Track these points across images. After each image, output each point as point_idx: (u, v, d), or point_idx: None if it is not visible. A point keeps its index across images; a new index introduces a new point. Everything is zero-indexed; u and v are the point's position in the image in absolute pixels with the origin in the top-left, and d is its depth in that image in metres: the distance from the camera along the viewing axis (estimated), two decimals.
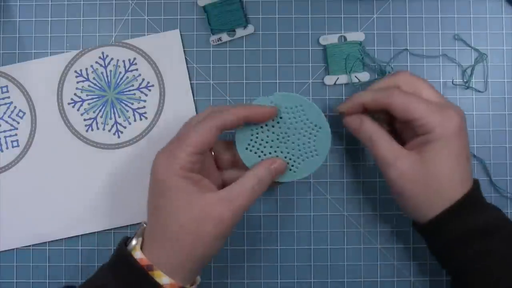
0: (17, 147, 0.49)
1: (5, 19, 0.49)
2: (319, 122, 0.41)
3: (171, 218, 0.38)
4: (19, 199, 0.48)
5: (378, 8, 0.49)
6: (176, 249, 0.37)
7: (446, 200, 0.39)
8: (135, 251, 0.38)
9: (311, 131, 0.41)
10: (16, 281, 0.48)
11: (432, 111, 0.39)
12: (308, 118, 0.41)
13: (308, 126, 0.41)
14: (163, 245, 0.38)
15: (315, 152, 0.41)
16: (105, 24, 0.49)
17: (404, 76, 0.41)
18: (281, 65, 0.49)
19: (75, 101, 0.49)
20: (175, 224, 0.37)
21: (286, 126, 0.41)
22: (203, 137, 0.38)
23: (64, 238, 0.48)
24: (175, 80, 0.49)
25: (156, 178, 0.39)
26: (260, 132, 0.41)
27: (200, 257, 0.38)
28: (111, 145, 0.49)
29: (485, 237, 0.39)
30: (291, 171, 0.42)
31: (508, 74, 0.49)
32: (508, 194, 0.48)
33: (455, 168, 0.39)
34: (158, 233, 0.38)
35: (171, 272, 0.37)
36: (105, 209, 0.48)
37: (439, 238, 0.40)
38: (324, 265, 0.49)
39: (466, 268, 0.39)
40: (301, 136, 0.41)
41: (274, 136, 0.41)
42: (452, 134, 0.39)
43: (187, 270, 0.38)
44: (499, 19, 0.49)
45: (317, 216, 0.49)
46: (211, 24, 0.49)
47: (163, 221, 0.38)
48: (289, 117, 0.41)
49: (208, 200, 0.37)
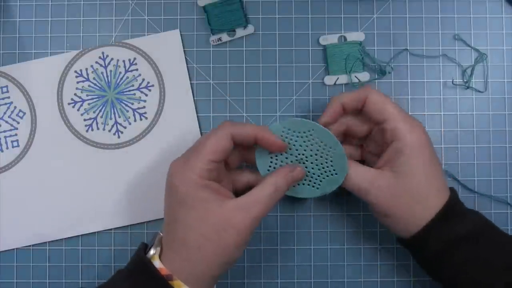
0: (17, 147, 0.49)
1: (5, 19, 0.49)
2: (332, 143, 0.42)
3: (191, 227, 0.37)
4: (19, 199, 0.48)
5: (378, 8, 0.49)
6: (197, 258, 0.37)
7: (427, 210, 0.39)
8: (154, 260, 0.38)
9: (327, 152, 0.42)
10: (16, 281, 0.48)
11: (402, 117, 0.40)
12: (322, 141, 0.42)
13: (323, 148, 0.42)
14: (183, 254, 0.38)
15: (334, 172, 0.42)
16: (105, 24, 0.49)
17: (372, 91, 0.42)
18: (281, 65, 0.49)
19: (75, 101, 0.49)
20: (196, 233, 0.37)
21: (303, 149, 0.42)
22: (219, 144, 0.39)
23: (64, 238, 0.48)
24: (175, 80, 0.49)
25: (174, 189, 0.38)
26: (279, 155, 0.42)
27: (221, 266, 0.38)
28: (111, 145, 0.49)
29: (471, 244, 0.39)
30: (314, 188, 0.43)
31: (508, 74, 0.49)
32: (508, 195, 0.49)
33: (431, 176, 0.40)
34: (177, 243, 0.38)
35: (191, 281, 0.37)
36: (105, 209, 0.48)
37: (426, 251, 0.40)
38: (324, 265, 0.49)
39: (455, 277, 0.39)
40: (318, 157, 0.42)
41: (293, 157, 0.42)
42: (422, 142, 0.40)
43: (207, 279, 0.38)
44: (499, 19, 0.50)
45: (317, 216, 0.49)
46: (211, 24, 0.49)
47: (182, 231, 0.38)
48: (303, 140, 0.42)
49: (227, 209, 0.37)
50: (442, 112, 0.49)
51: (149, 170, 0.48)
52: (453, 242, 0.39)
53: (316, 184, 0.43)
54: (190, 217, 0.37)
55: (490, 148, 0.49)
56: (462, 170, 0.49)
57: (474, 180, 0.49)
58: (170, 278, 0.37)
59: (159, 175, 0.40)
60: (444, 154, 0.49)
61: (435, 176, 0.40)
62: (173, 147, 0.49)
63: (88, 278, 0.48)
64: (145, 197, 0.48)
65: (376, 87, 0.49)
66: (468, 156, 0.49)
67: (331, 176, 0.42)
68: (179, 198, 0.38)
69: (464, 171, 0.49)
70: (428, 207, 0.39)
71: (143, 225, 0.49)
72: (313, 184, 0.43)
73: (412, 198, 0.39)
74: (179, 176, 0.38)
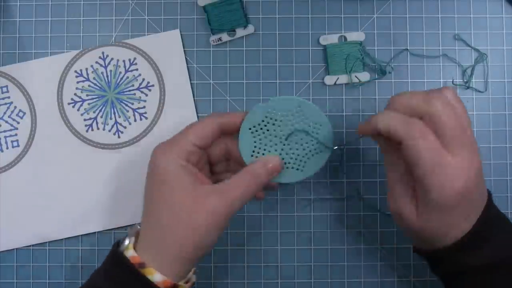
0: (17, 147, 0.49)
1: (5, 19, 0.49)
2: (319, 119, 0.41)
3: (166, 206, 0.38)
4: (19, 199, 0.48)
5: (378, 8, 0.49)
6: (169, 239, 0.37)
7: (458, 230, 0.37)
8: (128, 250, 0.38)
9: (313, 129, 0.41)
10: (16, 281, 0.48)
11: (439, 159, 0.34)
12: (308, 118, 0.41)
13: (309, 125, 0.41)
14: (157, 236, 0.38)
15: (319, 149, 0.41)
16: (105, 24, 0.49)
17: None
18: (281, 65, 0.49)
19: (75, 101, 0.49)
20: (169, 213, 0.37)
21: (288, 129, 0.41)
22: (204, 129, 0.39)
23: (64, 238, 0.48)
24: (175, 80, 0.49)
25: (154, 168, 0.39)
26: (263, 138, 0.41)
27: (192, 249, 0.37)
28: (111, 145, 0.49)
29: (497, 271, 0.37)
30: (298, 171, 0.42)
31: (508, 74, 0.49)
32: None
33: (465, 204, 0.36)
34: (152, 225, 0.38)
35: (164, 266, 0.37)
36: (105, 209, 0.48)
37: (448, 267, 0.38)
38: (324, 265, 0.49)
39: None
40: (303, 136, 0.41)
41: (277, 139, 0.41)
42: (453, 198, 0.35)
43: (180, 263, 0.38)
44: (499, 19, 0.49)
45: (317, 216, 0.49)
46: (211, 24, 0.49)
47: (157, 211, 0.38)
48: (289, 119, 0.41)
49: (201, 191, 0.37)
50: None
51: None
52: (477, 267, 0.37)
53: (300, 166, 0.42)
54: (165, 197, 0.38)
55: (490, 148, 0.49)
56: None
57: None
58: (143, 266, 0.37)
59: None
60: None
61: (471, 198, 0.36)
62: None
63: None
64: None
65: (376, 87, 0.49)
66: None
67: (316, 155, 0.41)
68: (157, 177, 0.38)
69: None
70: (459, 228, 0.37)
71: None
72: (297, 166, 0.42)
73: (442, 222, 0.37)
74: (160, 156, 0.39)
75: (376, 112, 0.48)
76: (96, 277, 0.39)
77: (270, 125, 0.41)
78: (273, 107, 0.41)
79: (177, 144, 0.39)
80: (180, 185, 0.38)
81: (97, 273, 0.39)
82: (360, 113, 0.49)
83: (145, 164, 0.48)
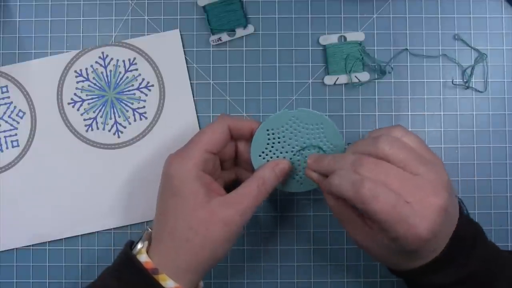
0: (17, 147, 0.49)
1: (5, 19, 0.49)
2: (336, 142, 0.41)
3: (181, 218, 0.38)
4: (19, 199, 0.48)
5: (378, 8, 0.49)
6: (185, 250, 0.37)
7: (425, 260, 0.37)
8: (141, 254, 0.38)
9: (326, 148, 0.41)
10: (16, 281, 0.48)
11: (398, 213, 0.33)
12: (326, 137, 0.41)
13: (324, 144, 0.41)
14: (171, 246, 0.38)
15: None
16: (105, 24, 0.49)
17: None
18: (281, 65, 0.49)
19: (75, 101, 0.49)
20: (184, 225, 0.37)
21: (303, 141, 0.42)
22: (216, 134, 0.40)
23: (64, 238, 0.49)
24: (175, 80, 0.49)
25: (168, 178, 0.39)
26: (276, 143, 0.42)
27: (207, 260, 0.38)
28: (111, 145, 0.49)
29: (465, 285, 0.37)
30: (298, 183, 0.43)
31: (508, 74, 0.49)
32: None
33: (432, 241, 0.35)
34: (166, 235, 0.38)
35: (177, 275, 0.37)
36: (105, 209, 0.48)
37: (420, 285, 0.38)
38: (324, 265, 0.49)
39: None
40: (315, 152, 0.41)
41: (289, 148, 0.42)
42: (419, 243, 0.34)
43: (193, 273, 0.38)
44: (499, 19, 0.49)
45: (317, 216, 0.49)
46: (211, 24, 0.49)
47: (172, 222, 0.38)
48: (307, 132, 0.41)
49: (216, 203, 0.38)
50: (442, 112, 0.49)
51: (149, 170, 0.48)
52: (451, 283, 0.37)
53: (301, 179, 0.42)
54: (180, 208, 0.38)
55: (490, 148, 0.49)
56: (462, 170, 0.49)
57: (474, 180, 0.49)
58: (156, 272, 0.37)
59: (159, 175, 0.40)
60: (444, 154, 0.49)
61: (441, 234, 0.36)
62: (173, 147, 0.48)
63: (88, 278, 0.48)
64: (145, 197, 0.48)
65: (376, 87, 0.49)
66: (468, 156, 0.49)
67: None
68: (172, 188, 0.38)
69: (464, 171, 0.49)
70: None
71: (143, 225, 0.49)
72: (298, 178, 0.42)
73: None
74: (175, 166, 0.39)
75: (375, 113, 0.49)
76: (106, 277, 0.39)
77: (288, 133, 0.42)
78: (297, 116, 0.41)
79: (192, 154, 0.39)
80: (195, 198, 0.38)
81: (108, 273, 0.39)
82: (360, 113, 0.49)
83: (145, 164, 0.48)
